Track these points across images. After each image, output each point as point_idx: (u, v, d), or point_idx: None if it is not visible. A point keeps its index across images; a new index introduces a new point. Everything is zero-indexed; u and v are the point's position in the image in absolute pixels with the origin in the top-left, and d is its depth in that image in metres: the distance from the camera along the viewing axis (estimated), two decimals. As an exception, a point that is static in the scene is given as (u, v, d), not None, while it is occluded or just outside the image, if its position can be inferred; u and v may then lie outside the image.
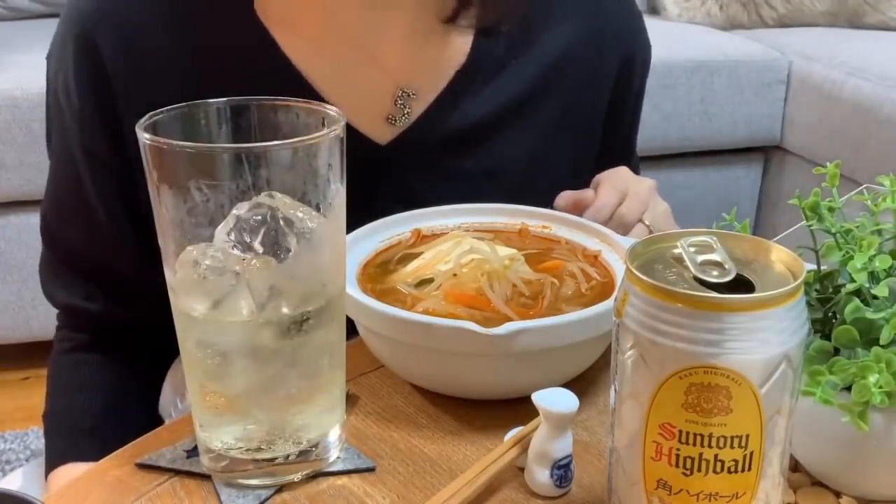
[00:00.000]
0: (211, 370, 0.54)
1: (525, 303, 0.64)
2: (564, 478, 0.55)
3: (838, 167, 0.56)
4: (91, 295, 0.84)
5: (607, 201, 0.79)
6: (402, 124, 0.82)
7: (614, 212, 0.79)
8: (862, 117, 1.97)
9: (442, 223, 0.75)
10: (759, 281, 0.44)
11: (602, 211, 0.79)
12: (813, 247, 0.55)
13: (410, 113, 0.82)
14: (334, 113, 0.54)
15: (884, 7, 2.35)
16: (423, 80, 0.83)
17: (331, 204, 0.54)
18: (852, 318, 0.50)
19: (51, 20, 2.28)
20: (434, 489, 0.55)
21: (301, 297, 0.53)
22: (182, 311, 0.53)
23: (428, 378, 0.65)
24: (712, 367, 0.42)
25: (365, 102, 0.81)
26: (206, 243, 0.52)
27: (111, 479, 0.57)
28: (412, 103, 0.82)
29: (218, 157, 0.51)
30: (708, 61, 2.12)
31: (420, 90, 0.82)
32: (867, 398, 0.47)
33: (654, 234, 0.80)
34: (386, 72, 0.82)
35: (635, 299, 0.44)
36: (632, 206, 0.80)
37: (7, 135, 1.78)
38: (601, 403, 0.64)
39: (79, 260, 0.84)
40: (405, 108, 0.82)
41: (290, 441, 0.56)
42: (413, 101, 0.82)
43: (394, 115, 0.82)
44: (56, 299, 0.86)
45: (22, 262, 1.88)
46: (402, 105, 0.82)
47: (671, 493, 0.45)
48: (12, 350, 1.98)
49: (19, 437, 1.81)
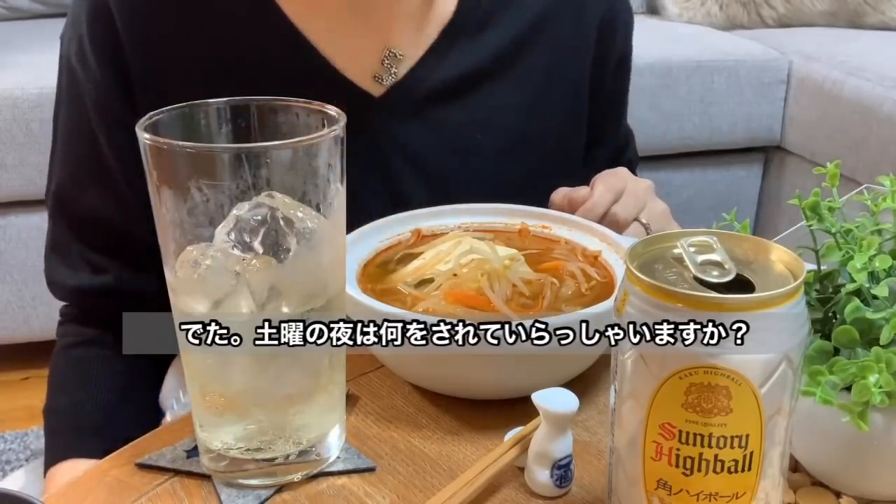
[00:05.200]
0: (211, 370, 0.54)
1: (525, 303, 0.64)
2: (564, 478, 0.55)
3: (838, 167, 0.56)
4: (99, 267, 0.85)
5: (601, 199, 0.80)
6: (387, 83, 0.84)
7: (608, 210, 0.80)
8: (862, 117, 1.97)
9: (442, 223, 0.75)
10: (759, 281, 0.44)
11: (595, 209, 0.79)
12: (813, 247, 0.55)
13: (397, 73, 0.84)
14: (334, 113, 0.54)
15: (884, 7, 2.35)
16: (411, 37, 0.85)
17: (331, 204, 0.54)
18: (852, 318, 0.50)
19: (51, 20, 2.28)
20: (434, 489, 0.55)
21: (301, 297, 0.53)
22: (182, 311, 0.53)
23: (428, 378, 0.65)
24: (712, 367, 0.42)
25: (355, 60, 0.83)
26: (206, 243, 0.52)
27: (111, 479, 0.57)
28: (399, 63, 0.84)
29: (218, 157, 0.51)
30: (708, 61, 2.12)
31: (407, 48, 0.85)
32: (867, 398, 0.47)
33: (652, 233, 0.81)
34: (375, 31, 0.84)
35: (635, 299, 0.44)
36: (627, 203, 0.81)
37: (7, 135, 1.78)
38: (601, 403, 0.64)
39: (92, 229, 0.85)
40: (392, 67, 0.84)
41: (290, 441, 0.56)
42: (400, 62, 0.84)
43: (380, 74, 0.84)
44: (64, 283, 0.87)
45: (22, 262, 1.88)
46: (389, 65, 0.84)
47: (671, 493, 0.45)
48: (12, 350, 1.98)
49: (19, 437, 1.81)
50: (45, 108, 1.77)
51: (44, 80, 1.79)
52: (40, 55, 1.93)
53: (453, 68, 0.86)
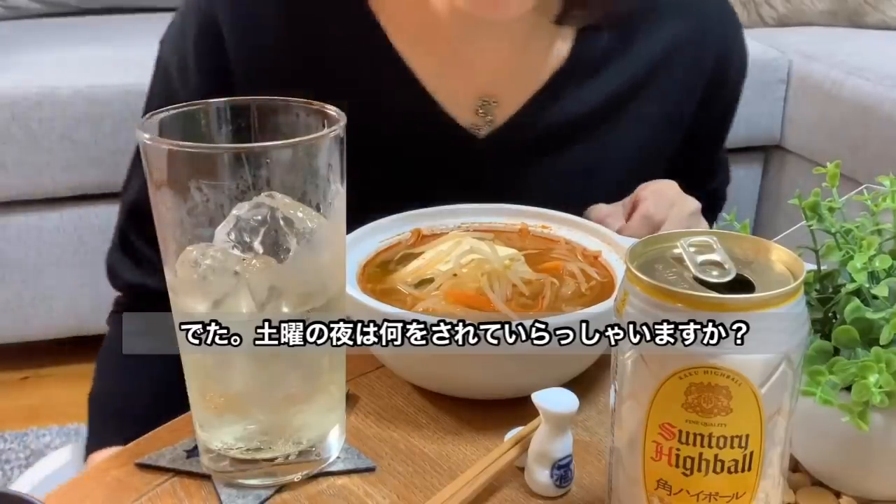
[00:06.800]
0: (211, 370, 0.54)
1: (525, 303, 0.64)
2: (564, 478, 0.55)
3: (838, 167, 0.56)
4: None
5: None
6: (484, 132, 0.83)
7: None
8: (862, 117, 1.97)
9: (442, 223, 0.75)
10: (759, 281, 0.44)
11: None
12: (813, 247, 0.55)
13: (493, 121, 0.84)
14: (334, 113, 0.54)
15: (884, 7, 2.34)
16: (517, 82, 0.84)
17: (331, 204, 0.54)
18: (852, 318, 0.50)
19: (51, 20, 2.28)
20: (434, 489, 0.55)
21: (301, 297, 0.53)
22: (182, 311, 0.53)
23: (428, 378, 0.65)
24: (712, 367, 0.42)
25: (454, 101, 0.83)
26: (206, 243, 0.52)
27: (111, 479, 0.57)
28: (495, 111, 0.84)
29: (218, 157, 0.51)
30: (708, 61, 2.12)
31: (507, 95, 0.84)
32: (867, 398, 0.47)
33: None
34: (474, 74, 0.84)
35: (635, 299, 0.44)
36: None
37: (7, 135, 1.78)
38: (601, 403, 0.64)
39: None
40: (486, 116, 0.84)
41: (290, 441, 0.56)
42: (496, 109, 0.84)
43: (476, 124, 0.84)
44: (123, 277, 0.87)
45: (22, 262, 1.88)
46: (484, 114, 0.84)
47: (671, 493, 0.45)
48: (12, 350, 1.98)
49: (19, 437, 1.81)
50: (45, 108, 1.77)
51: (44, 79, 1.79)
52: (40, 55, 1.94)
53: (563, 114, 0.84)
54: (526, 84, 0.84)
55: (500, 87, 0.84)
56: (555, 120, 0.84)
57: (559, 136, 0.85)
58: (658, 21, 0.87)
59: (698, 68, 0.90)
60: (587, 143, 0.86)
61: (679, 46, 0.87)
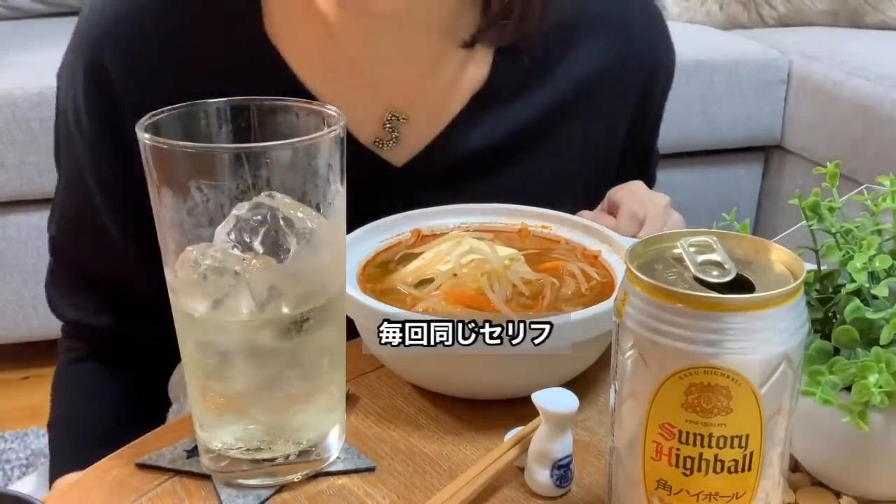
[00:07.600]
0: (211, 370, 0.54)
1: (525, 303, 0.64)
2: (564, 478, 0.55)
3: (838, 167, 0.56)
4: (100, 310, 0.85)
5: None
6: (388, 148, 0.81)
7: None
8: (862, 117, 1.97)
9: (442, 223, 0.75)
10: (759, 281, 0.44)
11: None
12: (813, 247, 0.55)
13: (399, 138, 0.81)
14: (334, 113, 0.54)
15: (884, 7, 2.35)
16: (429, 104, 0.82)
17: (331, 204, 0.54)
18: (852, 318, 0.50)
19: (51, 20, 2.28)
20: (434, 489, 0.55)
21: (301, 297, 0.53)
22: (182, 312, 0.53)
23: (428, 378, 0.65)
24: (712, 367, 0.42)
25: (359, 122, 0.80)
26: (206, 243, 0.52)
27: (111, 479, 0.57)
28: (402, 128, 0.81)
29: (218, 157, 0.51)
30: (708, 61, 2.12)
31: (418, 115, 0.81)
32: (867, 398, 0.47)
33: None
34: (377, 95, 0.81)
35: (635, 299, 0.44)
36: (651, 230, 0.78)
37: (7, 135, 1.78)
38: (601, 403, 0.64)
39: (90, 277, 0.85)
40: (393, 132, 0.81)
41: (290, 441, 0.56)
42: (404, 126, 0.81)
43: (381, 138, 0.81)
44: (64, 316, 0.87)
45: (22, 262, 1.88)
46: (391, 129, 0.81)
47: (671, 493, 0.45)
48: (12, 350, 1.98)
49: (19, 437, 1.81)
50: (45, 108, 1.77)
51: (44, 79, 1.79)
52: (40, 55, 1.93)
53: (484, 138, 0.82)
54: (440, 106, 0.82)
55: (410, 107, 0.81)
56: (475, 144, 0.82)
57: (480, 160, 0.83)
58: (580, 42, 0.84)
59: (626, 90, 0.88)
60: (511, 165, 0.84)
61: (605, 69, 0.85)
